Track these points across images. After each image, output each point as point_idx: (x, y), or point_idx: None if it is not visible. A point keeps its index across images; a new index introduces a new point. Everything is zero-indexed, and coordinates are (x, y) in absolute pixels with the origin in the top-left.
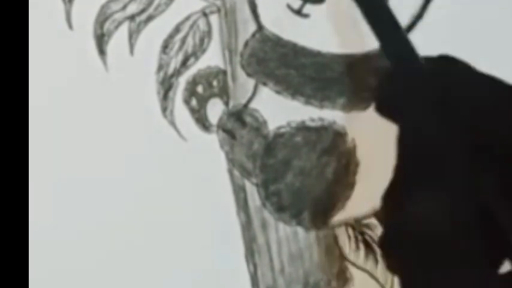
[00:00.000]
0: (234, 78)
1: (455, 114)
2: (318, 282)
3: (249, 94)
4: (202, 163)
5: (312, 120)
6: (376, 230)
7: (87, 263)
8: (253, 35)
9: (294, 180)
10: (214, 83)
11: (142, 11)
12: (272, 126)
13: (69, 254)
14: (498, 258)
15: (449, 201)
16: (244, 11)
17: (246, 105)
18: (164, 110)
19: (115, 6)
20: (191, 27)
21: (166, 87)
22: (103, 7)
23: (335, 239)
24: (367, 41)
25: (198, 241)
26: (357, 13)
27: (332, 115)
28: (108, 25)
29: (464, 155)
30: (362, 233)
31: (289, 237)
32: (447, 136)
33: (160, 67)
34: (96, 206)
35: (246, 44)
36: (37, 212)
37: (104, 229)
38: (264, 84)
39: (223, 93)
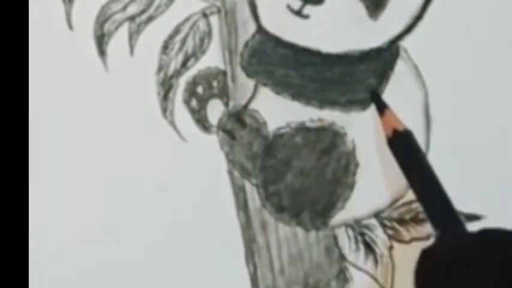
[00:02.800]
0: (234, 79)
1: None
2: (318, 283)
3: (249, 95)
4: (202, 164)
5: (312, 121)
6: (376, 231)
7: (87, 262)
8: (253, 36)
9: (293, 181)
10: (214, 83)
11: (143, 11)
12: (272, 127)
13: (68, 252)
14: None
15: None
16: (244, 12)
17: (246, 106)
18: (164, 110)
19: (115, 7)
20: (191, 28)
21: (166, 88)
22: (103, 8)
23: (335, 239)
24: (367, 41)
25: (198, 241)
26: (356, 13)
27: (331, 116)
28: (108, 26)
29: None
30: (362, 234)
31: (288, 238)
32: None
33: (160, 68)
34: (95, 206)
35: (246, 44)
36: (37, 211)
37: (103, 229)
38: (264, 85)
39: (223, 94)
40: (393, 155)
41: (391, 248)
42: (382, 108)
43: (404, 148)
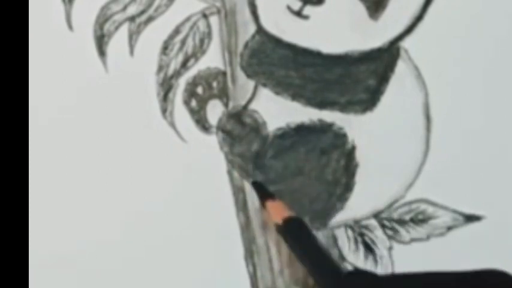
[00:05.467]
0: (233, 80)
1: None
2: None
3: (248, 95)
4: (202, 164)
5: (312, 121)
6: (376, 231)
7: (87, 261)
8: (253, 37)
9: (293, 181)
10: (214, 84)
11: (142, 12)
12: (272, 127)
13: (68, 249)
14: None
15: None
16: (244, 13)
17: (245, 107)
18: (164, 111)
19: (115, 8)
20: (191, 28)
21: (166, 88)
22: (103, 8)
23: (334, 240)
24: (367, 42)
25: (197, 242)
26: (357, 13)
27: (331, 116)
28: (108, 26)
29: None
30: (361, 234)
31: None
32: None
33: (160, 68)
34: (94, 207)
35: (246, 45)
36: (37, 211)
37: (102, 230)
38: (264, 85)
39: (223, 94)
40: (285, 240)
41: (390, 248)
42: (268, 197)
43: (297, 233)
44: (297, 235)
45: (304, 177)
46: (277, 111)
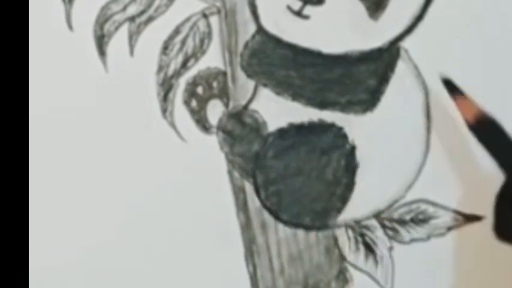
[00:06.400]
0: (234, 80)
1: None
2: (318, 284)
3: (249, 95)
4: (202, 164)
5: (312, 121)
6: (376, 231)
7: (86, 261)
8: (254, 37)
9: (293, 181)
10: (214, 84)
11: (143, 12)
12: (272, 127)
13: (68, 249)
14: None
15: None
16: (245, 13)
17: (245, 107)
18: (164, 111)
19: (115, 8)
20: (191, 28)
21: (166, 88)
22: (103, 8)
23: (335, 240)
24: (367, 42)
25: (197, 242)
26: (357, 13)
27: (332, 116)
28: (108, 26)
29: None
30: (362, 235)
31: (288, 238)
32: None
33: (160, 68)
34: (94, 206)
35: (246, 45)
36: (37, 212)
37: (102, 230)
38: (264, 85)
39: (223, 94)
40: (477, 137)
41: (391, 248)
42: (457, 93)
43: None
44: (487, 135)
45: (305, 177)
46: (277, 111)
